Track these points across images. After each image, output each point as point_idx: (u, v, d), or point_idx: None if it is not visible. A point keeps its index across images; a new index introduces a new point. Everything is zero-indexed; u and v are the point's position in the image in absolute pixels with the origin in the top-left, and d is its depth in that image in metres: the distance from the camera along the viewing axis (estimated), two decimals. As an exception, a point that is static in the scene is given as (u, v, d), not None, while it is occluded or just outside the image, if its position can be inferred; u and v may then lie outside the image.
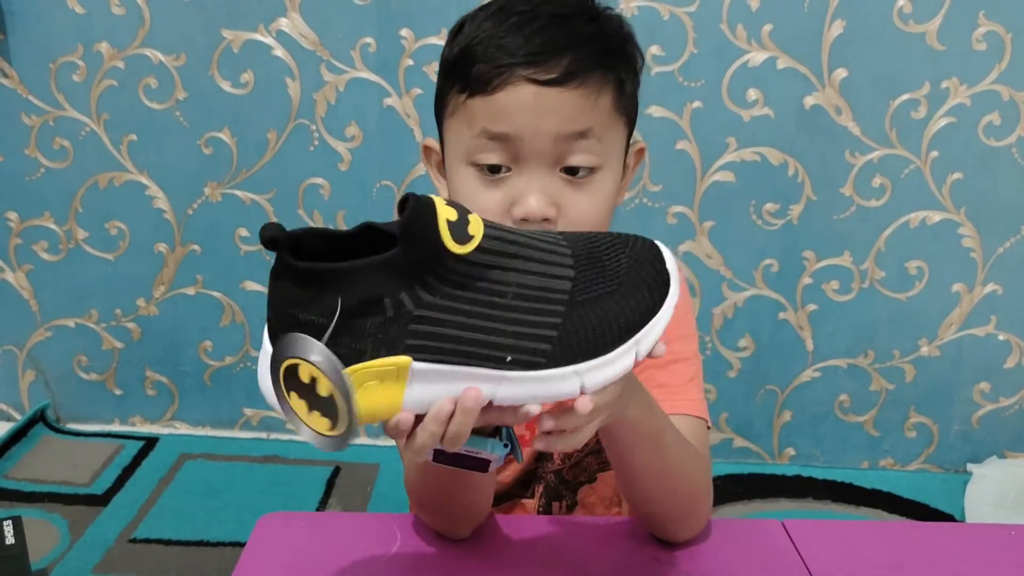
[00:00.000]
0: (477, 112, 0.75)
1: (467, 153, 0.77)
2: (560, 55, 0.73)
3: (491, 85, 0.74)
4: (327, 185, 1.77)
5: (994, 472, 1.84)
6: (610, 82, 0.76)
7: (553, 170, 0.76)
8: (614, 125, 0.78)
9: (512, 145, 0.75)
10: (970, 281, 1.79)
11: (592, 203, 0.78)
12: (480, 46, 0.75)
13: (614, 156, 0.79)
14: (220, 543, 1.58)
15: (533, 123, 0.74)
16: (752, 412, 1.91)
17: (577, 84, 0.73)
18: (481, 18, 0.78)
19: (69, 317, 1.90)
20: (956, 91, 1.65)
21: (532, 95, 0.73)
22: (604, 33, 0.77)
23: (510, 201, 0.76)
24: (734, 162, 1.72)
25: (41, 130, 1.76)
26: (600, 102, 0.75)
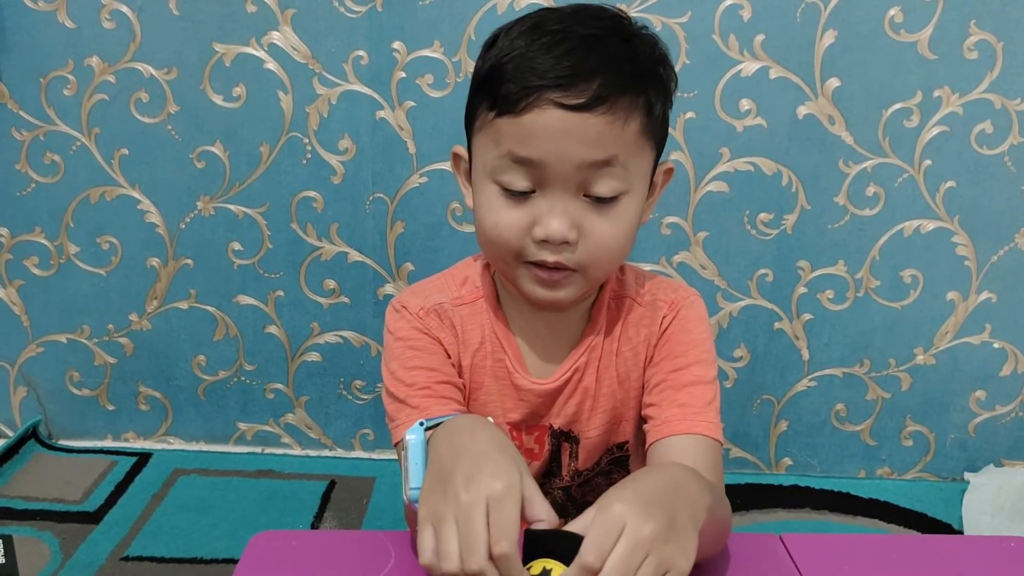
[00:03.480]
0: (504, 132, 0.75)
1: (492, 171, 0.77)
2: (589, 79, 0.72)
3: (519, 107, 0.73)
4: (320, 198, 1.77)
5: (991, 481, 1.83)
6: (639, 107, 0.75)
7: (577, 194, 0.76)
8: (641, 150, 0.77)
9: (537, 169, 0.75)
10: (965, 289, 1.79)
11: (614, 228, 0.78)
12: (511, 64, 0.74)
13: (639, 180, 0.78)
14: (214, 560, 1.57)
15: (558, 149, 0.73)
16: (749, 422, 1.91)
17: (605, 109, 0.72)
18: (514, 34, 0.76)
19: (61, 333, 1.89)
20: (948, 100, 1.66)
21: (559, 119, 0.72)
22: (636, 56, 0.76)
23: (532, 221, 0.76)
24: (727, 172, 1.72)
25: (32, 145, 1.75)
26: (628, 128, 0.74)
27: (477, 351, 0.89)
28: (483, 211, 0.79)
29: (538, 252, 0.77)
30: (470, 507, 0.58)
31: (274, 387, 1.92)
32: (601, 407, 0.90)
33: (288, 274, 1.83)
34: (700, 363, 0.87)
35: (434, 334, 0.87)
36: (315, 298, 1.84)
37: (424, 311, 0.87)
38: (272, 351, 1.89)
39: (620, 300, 0.90)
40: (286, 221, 1.78)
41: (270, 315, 1.86)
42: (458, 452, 0.62)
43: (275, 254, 1.81)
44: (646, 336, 0.89)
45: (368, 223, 1.78)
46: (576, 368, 0.88)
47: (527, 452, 0.91)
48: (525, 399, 0.89)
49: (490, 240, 0.80)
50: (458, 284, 0.90)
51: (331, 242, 1.80)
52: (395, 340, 0.87)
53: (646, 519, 0.58)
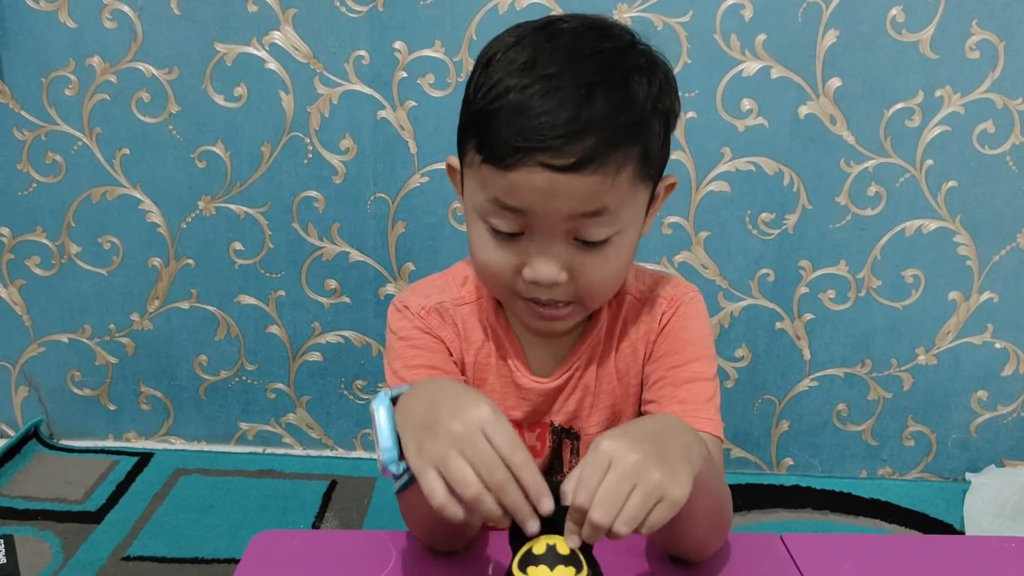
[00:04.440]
0: (490, 181, 0.74)
1: (481, 211, 0.76)
2: (578, 139, 0.69)
3: (504, 163, 0.71)
4: (321, 198, 1.77)
5: (993, 481, 1.83)
6: (632, 156, 0.73)
7: (567, 238, 0.75)
8: (634, 193, 0.76)
9: (525, 217, 0.74)
10: (966, 289, 1.79)
11: (606, 266, 0.77)
12: (499, 113, 0.71)
13: (633, 219, 0.77)
14: (215, 560, 1.57)
15: (545, 203, 0.72)
16: (750, 422, 1.90)
17: (593, 169, 0.70)
18: (507, 68, 0.72)
19: (62, 332, 1.89)
20: (950, 99, 1.66)
21: (545, 180, 0.70)
22: (632, 103, 0.72)
23: (521, 263, 0.76)
24: (729, 172, 1.72)
25: (33, 145, 1.75)
26: (618, 180, 0.72)
27: (480, 349, 0.89)
28: (475, 246, 0.79)
29: (531, 291, 0.77)
30: (469, 435, 0.59)
31: (275, 387, 1.92)
32: (601, 403, 0.90)
33: (289, 274, 1.83)
34: (699, 360, 0.87)
35: (436, 333, 0.87)
36: (316, 298, 1.84)
37: (426, 310, 0.88)
38: (273, 351, 1.89)
39: (620, 297, 0.90)
40: (287, 221, 1.79)
41: (271, 315, 1.86)
42: (433, 402, 0.63)
43: (276, 254, 1.81)
44: (645, 332, 0.89)
45: (369, 223, 1.78)
46: (577, 366, 0.89)
47: (530, 450, 0.91)
48: (527, 398, 0.90)
49: (483, 275, 0.81)
50: (459, 284, 0.90)
51: (332, 242, 1.80)
52: (397, 339, 0.87)
53: (632, 451, 0.60)
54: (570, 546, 0.59)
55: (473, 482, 0.58)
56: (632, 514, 0.59)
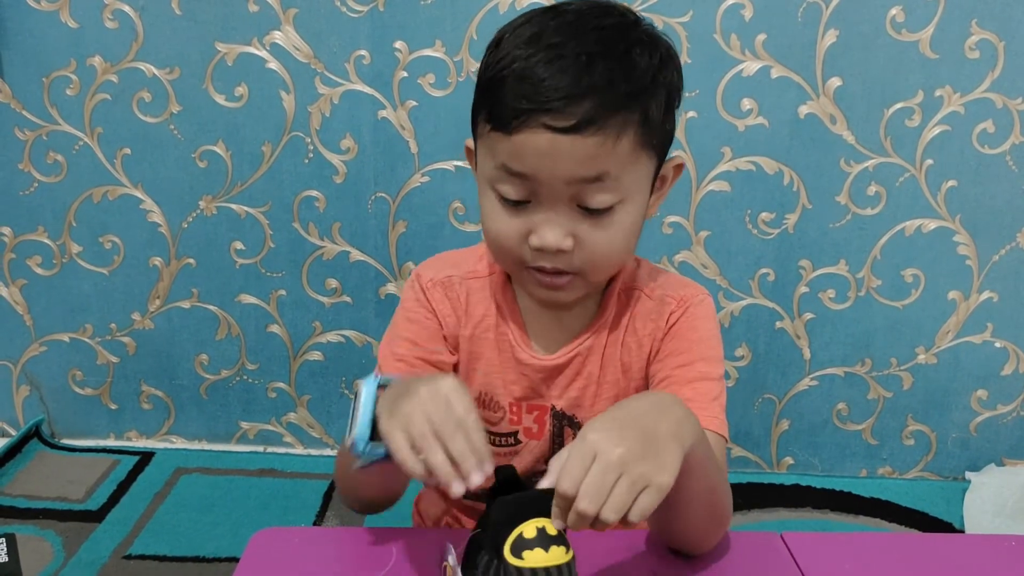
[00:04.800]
0: (498, 147, 0.77)
1: (491, 179, 0.80)
2: (579, 102, 0.73)
3: (510, 127, 0.75)
4: (322, 198, 1.77)
5: (992, 480, 1.83)
6: (632, 123, 0.75)
7: (571, 205, 0.78)
8: (636, 161, 0.78)
9: (530, 182, 0.77)
10: (966, 288, 1.79)
11: (610, 236, 0.79)
12: (506, 80, 0.75)
13: (636, 188, 0.80)
14: (216, 559, 1.57)
15: (548, 167, 0.75)
16: (750, 421, 1.91)
17: (594, 130, 0.73)
18: (517, 40, 0.77)
19: (63, 332, 1.89)
20: (950, 99, 1.66)
21: (547, 141, 0.74)
22: (633, 71, 0.76)
23: (529, 230, 0.79)
24: (729, 171, 1.72)
25: (34, 144, 1.75)
26: (619, 145, 0.75)
27: (479, 323, 0.92)
28: (485, 216, 0.82)
29: (536, 258, 0.80)
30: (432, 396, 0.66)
31: (276, 386, 1.92)
32: (605, 395, 0.91)
33: (290, 273, 1.83)
34: (706, 360, 0.89)
35: (432, 306, 0.92)
36: (317, 297, 1.84)
37: (432, 283, 0.92)
38: (274, 350, 1.89)
39: (630, 292, 0.91)
40: (288, 220, 1.79)
41: (272, 314, 1.86)
42: (407, 385, 0.69)
43: (277, 253, 1.82)
44: (652, 330, 0.90)
45: (370, 222, 1.78)
46: (579, 351, 0.90)
47: (526, 431, 0.93)
48: (526, 374, 0.91)
49: (493, 245, 0.84)
50: (476, 259, 0.94)
51: (333, 241, 1.80)
52: (401, 306, 0.93)
53: (617, 442, 0.62)
54: (556, 528, 0.62)
55: (427, 433, 0.64)
56: (618, 503, 0.61)
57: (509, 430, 0.93)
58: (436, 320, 0.92)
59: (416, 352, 0.90)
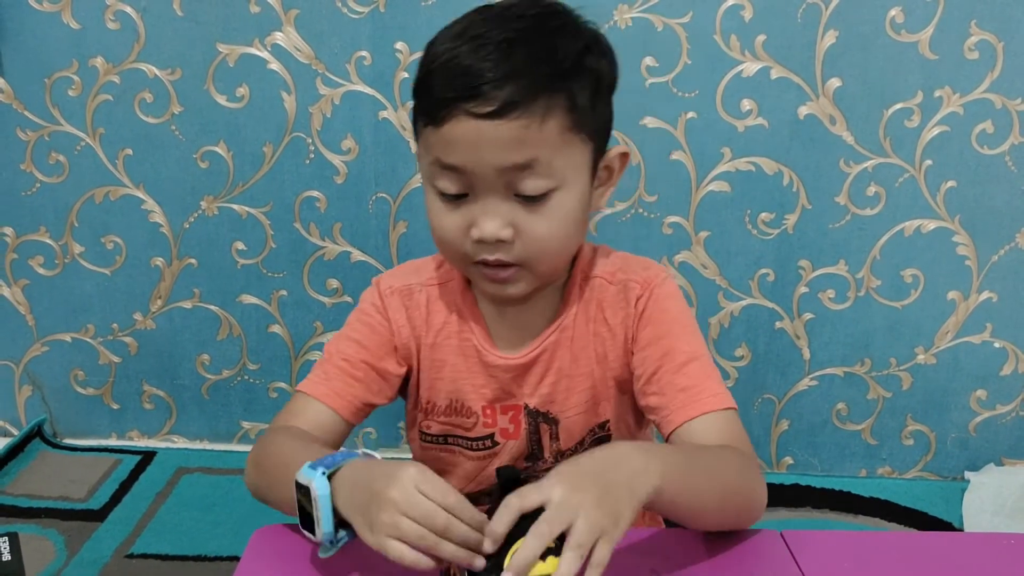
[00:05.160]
0: (431, 141, 0.79)
1: (429, 176, 0.81)
2: (499, 86, 0.74)
3: (437, 118, 0.76)
4: (323, 198, 1.77)
5: (992, 480, 1.84)
6: (558, 105, 0.76)
7: (507, 194, 0.78)
8: (567, 146, 0.79)
9: (464, 175, 0.78)
10: (965, 289, 1.79)
11: (549, 224, 0.80)
12: (433, 75, 0.78)
13: (573, 174, 0.80)
14: (218, 557, 1.58)
15: (476, 156, 0.76)
16: (749, 421, 1.91)
17: (518, 114, 0.74)
18: (443, 38, 0.80)
19: (65, 332, 1.90)
20: (949, 100, 1.66)
21: (473, 128, 0.75)
22: (555, 54, 0.77)
23: (469, 223, 0.80)
24: (729, 172, 1.72)
25: (36, 145, 1.76)
26: (545, 128, 0.76)
27: (441, 330, 0.92)
28: (430, 217, 0.83)
29: (479, 252, 0.81)
30: (407, 497, 0.64)
31: (277, 386, 1.93)
32: (579, 387, 0.91)
33: (291, 273, 1.83)
34: (686, 339, 0.89)
35: (387, 315, 0.93)
36: (318, 297, 1.85)
37: (390, 291, 0.93)
38: (275, 350, 1.90)
39: (592, 280, 0.91)
40: (289, 221, 1.79)
41: (273, 314, 1.87)
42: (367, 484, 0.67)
43: (278, 254, 1.82)
44: (623, 318, 0.90)
45: (371, 223, 1.79)
46: (545, 347, 0.90)
47: (502, 432, 0.93)
48: (494, 375, 0.92)
49: (439, 242, 0.85)
50: (435, 266, 0.95)
51: (334, 242, 1.80)
52: (357, 308, 0.95)
53: (575, 489, 0.63)
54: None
55: (425, 534, 0.63)
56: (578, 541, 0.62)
57: (484, 433, 0.94)
58: (389, 329, 0.92)
59: (362, 355, 0.91)
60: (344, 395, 0.90)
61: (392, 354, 0.93)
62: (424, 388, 0.94)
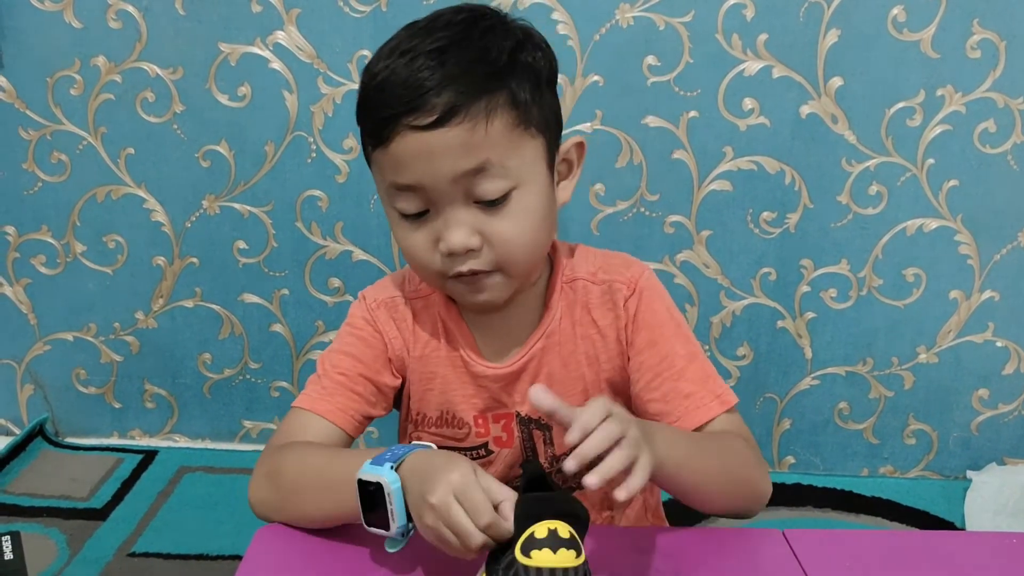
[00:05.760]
0: (382, 164, 0.79)
1: (389, 200, 0.81)
2: (438, 94, 0.74)
3: (383, 137, 0.76)
4: (325, 197, 1.77)
5: (994, 479, 1.83)
6: (500, 104, 0.76)
7: (467, 202, 0.78)
8: (517, 144, 0.78)
9: (420, 192, 0.77)
10: (968, 288, 1.79)
11: (514, 224, 0.80)
12: (371, 95, 0.77)
13: (528, 171, 0.80)
14: (220, 556, 1.58)
15: (427, 170, 0.76)
16: (751, 420, 1.90)
17: (460, 120, 0.74)
18: (375, 61, 0.79)
19: (67, 331, 1.90)
20: (951, 99, 1.66)
21: (418, 142, 0.75)
22: (487, 54, 0.77)
23: (435, 238, 0.79)
24: (731, 171, 1.72)
25: (39, 144, 1.76)
26: (492, 129, 0.75)
27: (428, 343, 0.92)
28: (398, 239, 0.83)
29: (452, 266, 0.80)
30: (445, 507, 0.66)
31: (279, 385, 1.93)
32: (570, 391, 0.91)
33: (293, 273, 1.84)
34: (680, 339, 0.89)
35: (378, 327, 0.92)
36: (320, 296, 1.85)
37: (377, 304, 0.93)
38: (277, 349, 1.90)
39: (573, 283, 0.91)
40: (291, 220, 1.79)
41: (275, 313, 1.87)
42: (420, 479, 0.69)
43: (280, 253, 1.82)
44: (613, 320, 0.90)
45: (372, 221, 1.79)
46: (532, 354, 0.90)
47: (496, 440, 0.93)
48: (484, 385, 0.91)
49: (411, 263, 0.85)
50: (418, 279, 0.93)
51: (336, 241, 1.80)
52: (345, 324, 0.93)
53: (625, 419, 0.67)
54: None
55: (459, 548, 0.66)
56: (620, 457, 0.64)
57: (478, 443, 0.93)
58: (382, 341, 0.92)
59: (359, 369, 0.90)
60: (346, 410, 0.89)
61: (387, 366, 0.92)
62: (415, 400, 0.94)
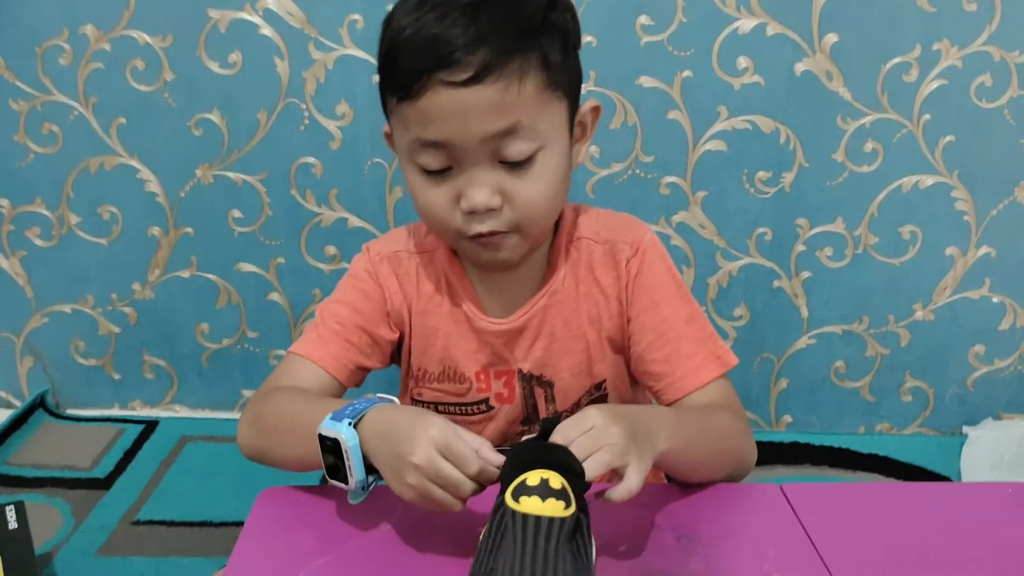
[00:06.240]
0: (408, 118, 0.78)
1: (410, 154, 0.80)
2: (472, 51, 0.73)
3: (412, 91, 0.75)
4: (319, 164, 1.77)
5: (989, 433, 1.85)
6: (532, 64, 0.76)
7: (492, 161, 0.78)
8: (546, 105, 0.78)
9: (446, 149, 0.77)
10: (964, 244, 1.79)
11: (537, 186, 0.80)
12: (401, 48, 0.76)
13: (554, 133, 0.80)
14: (224, 523, 1.59)
15: (458, 128, 0.75)
16: (749, 381, 1.92)
17: (495, 78, 0.74)
18: (404, 11, 0.78)
19: (65, 303, 1.90)
20: (947, 53, 1.65)
21: (451, 98, 0.74)
22: (522, 13, 0.76)
23: (457, 195, 0.80)
24: (726, 131, 1.71)
25: (29, 115, 1.75)
26: (524, 90, 0.75)
27: (431, 298, 0.93)
28: (414, 192, 0.83)
29: (471, 225, 0.81)
30: (429, 462, 0.67)
31: (277, 354, 1.93)
32: (572, 349, 0.92)
33: (289, 241, 1.83)
34: (681, 300, 0.91)
35: (379, 280, 0.93)
36: (316, 264, 1.85)
37: (380, 257, 0.93)
38: (275, 318, 1.90)
39: (578, 242, 0.92)
40: (285, 188, 1.79)
41: (272, 282, 1.87)
42: (392, 440, 0.69)
43: (275, 221, 1.82)
44: (615, 279, 0.91)
45: (367, 188, 1.78)
46: (535, 312, 0.91)
47: (497, 396, 0.94)
48: (486, 340, 0.92)
49: (427, 219, 0.85)
50: (423, 234, 0.95)
51: (331, 208, 1.80)
52: (348, 274, 0.95)
53: (612, 421, 0.68)
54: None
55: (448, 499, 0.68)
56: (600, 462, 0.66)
57: (478, 398, 0.94)
58: (382, 295, 0.92)
59: (356, 319, 0.91)
60: (339, 358, 0.90)
61: (385, 319, 0.93)
62: (416, 355, 0.95)
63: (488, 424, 0.95)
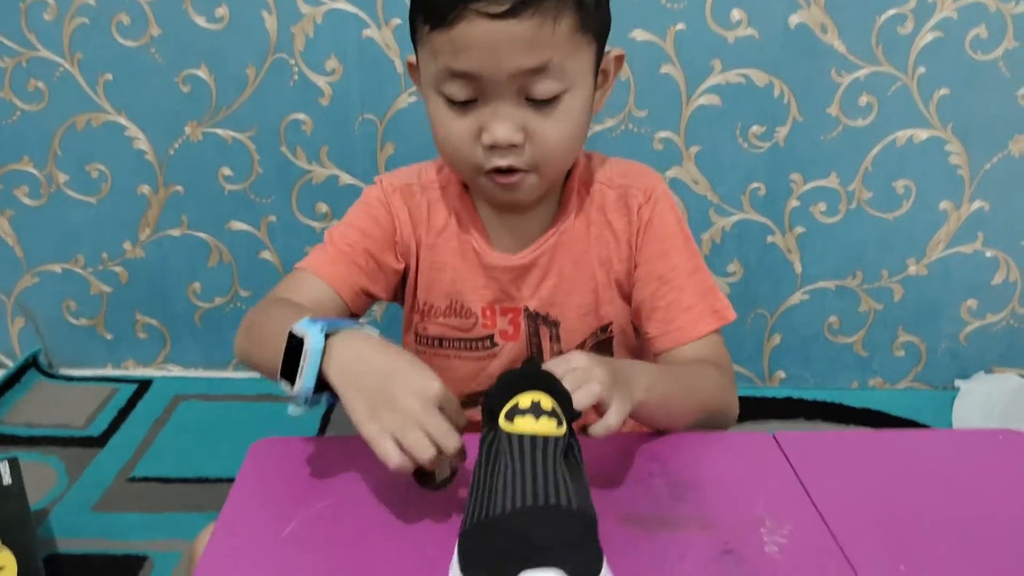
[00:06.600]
0: (439, 46, 0.77)
1: (436, 83, 0.79)
2: None
3: (447, 20, 0.74)
4: (309, 121, 1.75)
5: (981, 387, 1.86)
6: (568, 5, 0.75)
7: (518, 98, 0.78)
8: (577, 47, 0.78)
9: (475, 80, 0.77)
10: (957, 199, 1.79)
11: (559, 127, 0.80)
12: None
13: (581, 77, 0.80)
14: (219, 479, 1.60)
15: (490, 60, 0.75)
16: (742, 336, 1.92)
17: (531, 13, 0.73)
18: None
19: (55, 262, 1.89)
20: (943, 4, 1.63)
21: (485, 30, 0.73)
22: None
23: (479, 128, 0.79)
24: (719, 85, 1.70)
25: (15, 72, 1.72)
26: (558, 29, 0.75)
27: (441, 232, 0.93)
28: (435, 123, 0.82)
29: (490, 159, 0.80)
30: (429, 414, 0.65)
31: (270, 312, 1.92)
32: (580, 289, 0.93)
33: (279, 198, 1.82)
34: (687, 251, 0.92)
35: (391, 209, 0.93)
36: (308, 222, 1.84)
37: (393, 188, 0.94)
38: (267, 276, 1.89)
39: (589, 185, 0.92)
40: (275, 145, 1.77)
41: (263, 240, 1.86)
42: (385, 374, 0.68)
43: (265, 179, 1.80)
44: (626, 224, 0.92)
45: (358, 145, 1.76)
46: (544, 250, 0.91)
47: (502, 333, 0.95)
48: (494, 276, 0.92)
49: (445, 151, 0.84)
50: (435, 169, 0.95)
51: (321, 165, 1.78)
52: (359, 200, 0.95)
53: (596, 364, 0.69)
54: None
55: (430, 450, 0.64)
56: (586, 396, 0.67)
57: (483, 334, 0.95)
58: (392, 223, 0.93)
59: (365, 243, 0.91)
60: (346, 278, 0.90)
61: (392, 248, 0.93)
62: (422, 289, 0.95)
63: (492, 362, 0.95)
